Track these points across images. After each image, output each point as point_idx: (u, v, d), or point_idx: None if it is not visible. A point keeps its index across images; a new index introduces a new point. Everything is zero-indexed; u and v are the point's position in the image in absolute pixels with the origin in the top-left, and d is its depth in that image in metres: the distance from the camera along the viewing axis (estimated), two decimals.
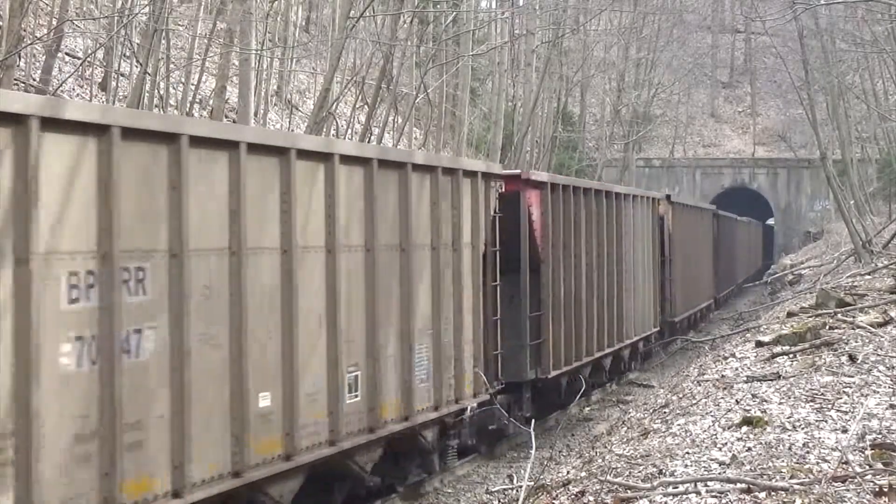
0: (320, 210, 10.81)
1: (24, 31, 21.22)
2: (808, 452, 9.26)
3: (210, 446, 9.02)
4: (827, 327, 16.21)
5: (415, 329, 12.51)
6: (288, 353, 10.11)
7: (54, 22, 24.63)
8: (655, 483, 8.85)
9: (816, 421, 10.45)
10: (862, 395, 11.43)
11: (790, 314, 19.54)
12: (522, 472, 12.92)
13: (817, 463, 8.90)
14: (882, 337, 14.96)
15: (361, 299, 11.49)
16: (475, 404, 14.54)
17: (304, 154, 10.43)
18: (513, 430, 16.34)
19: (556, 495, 9.82)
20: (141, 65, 21.62)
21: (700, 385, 14.47)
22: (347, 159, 11.29)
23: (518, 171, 16.93)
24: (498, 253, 14.97)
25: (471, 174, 14.32)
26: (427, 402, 12.90)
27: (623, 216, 22.10)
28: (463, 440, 14.62)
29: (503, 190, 15.60)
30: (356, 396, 11.30)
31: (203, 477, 8.88)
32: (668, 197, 28.66)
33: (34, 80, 23.10)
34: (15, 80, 20.42)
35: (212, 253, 9.05)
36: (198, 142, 8.88)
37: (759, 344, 16.24)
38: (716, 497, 8.17)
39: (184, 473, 8.59)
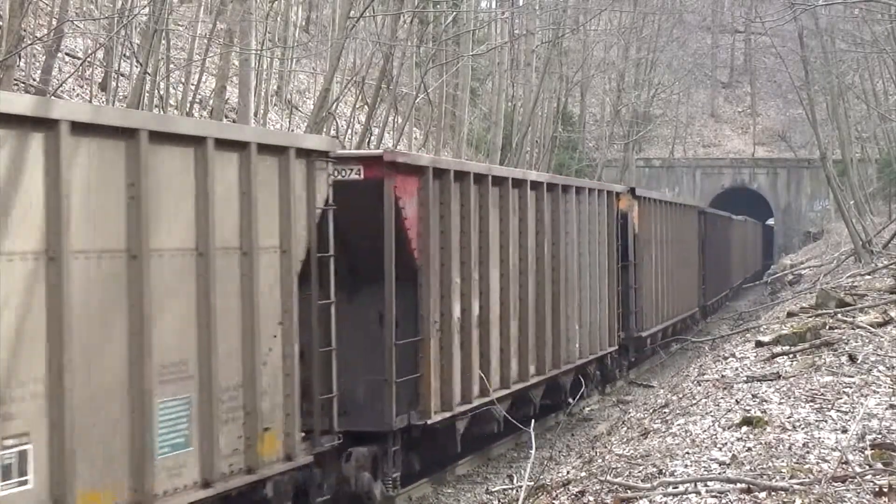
0: None
1: (24, 31, 21.22)
2: (808, 452, 9.26)
3: None
4: (827, 327, 16.22)
5: (154, 372, 8.54)
6: None
7: (54, 22, 24.62)
8: (655, 483, 8.86)
9: (816, 421, 10.45)
10: (862, 395, 11.43)
11: (790, 314, 19.55)
12: (522, 472, 12.92)
13: (817, 463, 8.90)
14: (882, 337, 14.97)
15: (40, 330, 7.62)
16: (297, 464, 10.44)
17: None
18: (381, 494, 12.63)
19: (556, 495, 9.82)
20: (141, 65, 21.62)
21: (700, 385, 14.47)
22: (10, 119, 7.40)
23: (381, 150, 12.86)
24: (332, 260, 11.05)
25: (276, 150, 10.27)
26: (186, 479, 8.90)
27: (563, 213, 18.14)
28: None
29: (360, 176, 12.25)
30: (24, 484, 7.39)
31: None
32: (632, 190, 24.48)
33: (34, 80, 23.09)
34: (15, 80, 20.41)
35: None
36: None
37: (759, 344, 16.25)
38: (716, 497, 8.17)
39: None
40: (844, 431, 9.82)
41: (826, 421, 10.43)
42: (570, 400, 18.67)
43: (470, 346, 14.38)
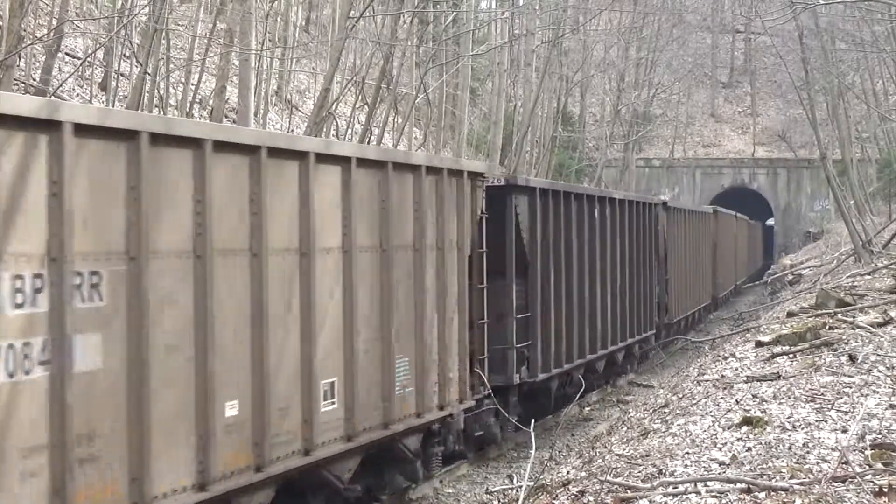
0: None
1: (24, 31, 21.22)
2: (808, 452, 9.27)
3: None
4: (827, 327, 16.22)
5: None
6: None
7: (54, 22, 24.62)
8: (655, 483, 8.86)
9: (816, 421, 10.46)
10: (862, 395, 11.43)
11: (790, 314, 19.56)
12: (522, 472, 12.93)
13: (817, 463, 8.90)
14: (882, 337, 14.97)
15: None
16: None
17: None
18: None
19: (556, 495, 9.82)
20: (141, 65, 21.62)
21: (700, 385, 14.47)
22: None
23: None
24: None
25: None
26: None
27: None
28: None
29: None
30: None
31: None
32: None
33: (34, 80, 23.09)
34: (15, 80, 20.41)
35: None
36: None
37: (759, 344, 16.25)
38: (716, 497, 8.17)
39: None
40: (844, 431, 9.82)
41: (826, 421, 10.43)
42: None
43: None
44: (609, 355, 21.54)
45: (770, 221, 65.02)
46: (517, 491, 11.44)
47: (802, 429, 10.16)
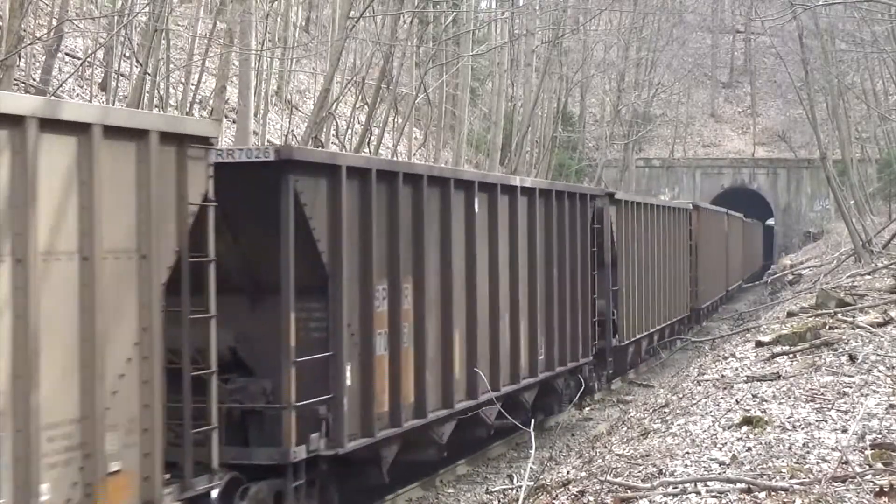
0: None
1: (24, 31, 21.21)
2: (808, 452, 9.27)
3: None
4: (827, 327, 16.23)
5: None
6: None
7: (54, 22, 24.62)
8: (655, 483, 8.86)
9: (816, 421, 10.46)
10: (862, 395, 11.43)
11: (790, 314, 19.57)
12: (522, 472, 12.91)
13: (817, 463, 8.91)
14: (882, 337, 14.98)
15: None
16: None
17: None
18: None
19: (556, 495, 9.82)
20: (141, 65, 21.63)
21: (700, 385, 14.48)
22: None
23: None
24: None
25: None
26: None
27: None
28: None
29: None
30: None
31: None
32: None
33: (34, 80, 23.09)
34: (15, 80, 20.41)
35: None
36: None
37: (759, 344, 16.26)
38: (716, 497, 8.17)
39: None
40: (844, 431, 9.83)
41: (826, 421, 10.43)
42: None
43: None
44: (508, 397, 15.41)
45: (770, 221, 65.01)
46: (517, 491, 11.44)
47: (802, 429, 10.17)
